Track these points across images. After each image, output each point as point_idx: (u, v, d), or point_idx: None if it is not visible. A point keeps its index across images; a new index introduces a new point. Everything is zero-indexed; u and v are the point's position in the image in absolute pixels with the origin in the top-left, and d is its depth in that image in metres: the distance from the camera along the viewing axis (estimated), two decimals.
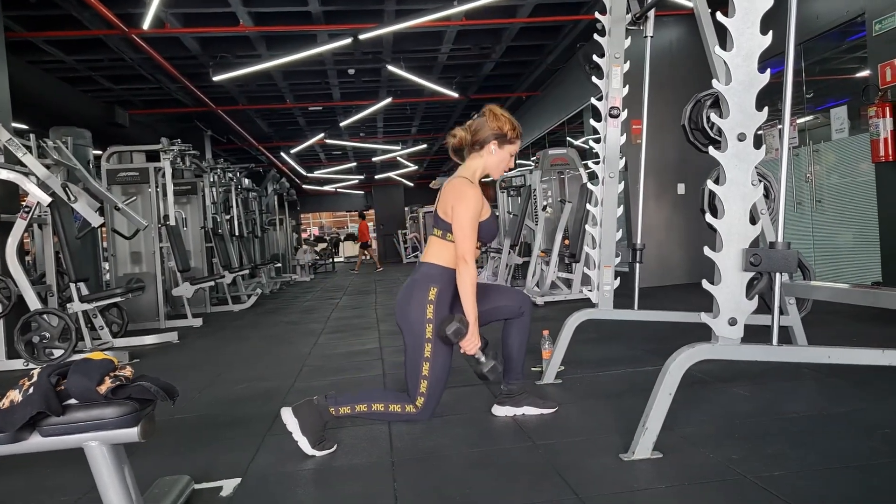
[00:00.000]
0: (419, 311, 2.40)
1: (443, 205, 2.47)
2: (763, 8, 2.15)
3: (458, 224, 2.39)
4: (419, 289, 2.43)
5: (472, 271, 2.39)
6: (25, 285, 4.81)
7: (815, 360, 2.18)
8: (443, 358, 2.42)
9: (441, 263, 2.45)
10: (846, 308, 4.28)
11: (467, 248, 2.38)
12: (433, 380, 2.41)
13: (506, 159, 2.57)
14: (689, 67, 7.32)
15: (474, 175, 2.52)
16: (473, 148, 2.54)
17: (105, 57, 8.20)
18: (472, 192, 2.43)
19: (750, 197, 2.17)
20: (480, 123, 2.54)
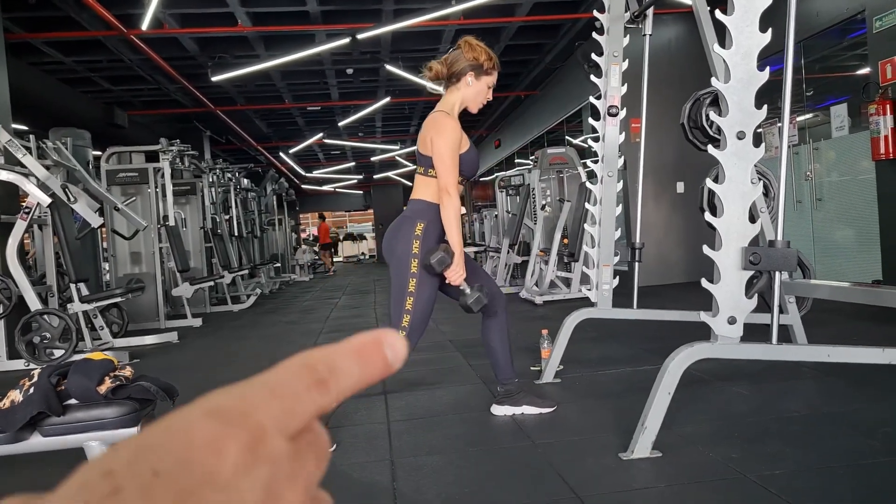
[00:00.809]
0: (405, 244, 2.40)
1: (422, 139, 2.45)
2: (762, 6, 2.15)
3: (437, 156, 2.37)
4: (406, 223, 2.43)
5: (456, 202, 2.37)
6: (26, 286, 4.81)
7: (815, 359, 2.18)
8: (427, 292, 2.40)
9: (426, 199, 2.44)
10: (846, 306, 4.28)
11: (449, 180, 2.36)
12: (416, 314, 2.40)
13: (483, 91, 2.54)
14: (688, 65, 7.32)
15: (453, 108, 2.50)
16: (450, 81, 2.52)
17: (104, 58, 8.19)
18: (451, 124, 2.41)
19: (749, 195, 2.17)
20: (456, 55, 2.51)
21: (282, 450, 0.19)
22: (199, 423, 0.18)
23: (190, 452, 0.17)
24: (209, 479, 0.17)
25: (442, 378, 3.50)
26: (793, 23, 2.09)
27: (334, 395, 0.20)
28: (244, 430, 0.18)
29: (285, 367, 0.20)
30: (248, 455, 0.18)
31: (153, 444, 0.17)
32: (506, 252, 8.01)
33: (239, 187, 10.90)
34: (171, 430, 0.18)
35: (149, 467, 0.16)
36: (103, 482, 0.16)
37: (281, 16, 7.29)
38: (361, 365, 0.21)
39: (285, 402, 0.19)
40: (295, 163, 17.50)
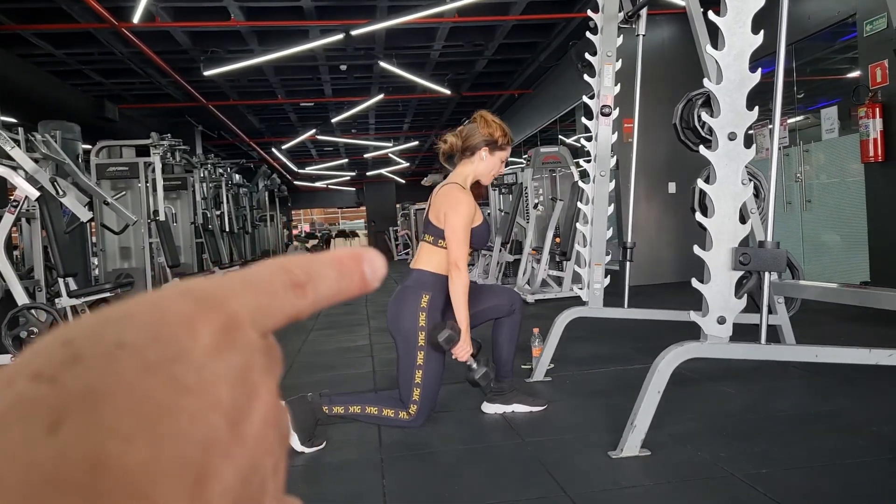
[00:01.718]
0: (411, 318, 2.40)
1: (434, 211, 2.47)
2: (754, 7, 2.16)
3: (450, 231, 2.39)
4: (411, 296, 2.43)
5: (465, 278, 2.40)
6: (13, 280, 4.77)
7: (803, 359, 2.20)
8: (435, 365, 2.43)
9: (433, 270, 2.45)
10: (834, 307, 4.32)
11: (460, 255, 2.38)
12: (426, 387, 2.41)
13: (496, 165, 2.58)
14: (681, 66, 7.35)
15: (466, 181, 2.53)
16: (464, 154, 2.55)
17: (95, 51, 8.12)
18: (465, 199, 2.43)
19: (740, 196, 2.18)
20: (471, 130, 2.55)
21: (256, 342, 0.18)
22: (173, 300, 0.17)
23: (160, 328, 0.16)
24: (180, 356, 0.15)
25: None
26: (785, 25, 2.11)
27: (311, 300, 0.19)
28: (220, 313, 0.17)
29: (263, 266, 0.19)
30: (222, 338, 0.16)
31: (119, 317, 0.16)
32: (498, 250, 8.02)
33: (230, 183, 10.85)
34: (140, 305, 0.16)
35: (114, 338, 0.15)
36: (61, 350, 0.15)
37: (274, 10, 7.26)
38: (339, 276, 0.20)
39: (261, 298, 0.18)
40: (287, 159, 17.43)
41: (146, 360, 0.15)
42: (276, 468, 0.18)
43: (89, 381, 0.14)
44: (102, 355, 0.15)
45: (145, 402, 0.14)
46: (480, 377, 2.45)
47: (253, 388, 0.17)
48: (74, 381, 0.14)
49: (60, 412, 0.14)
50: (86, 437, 0.14)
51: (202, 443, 0.15)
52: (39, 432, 0.14)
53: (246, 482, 0.16)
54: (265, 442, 0.17)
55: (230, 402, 0.16)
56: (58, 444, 0.13)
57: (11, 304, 4.77)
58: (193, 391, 0.15)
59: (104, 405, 0.14)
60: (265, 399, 0.17)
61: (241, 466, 0.16)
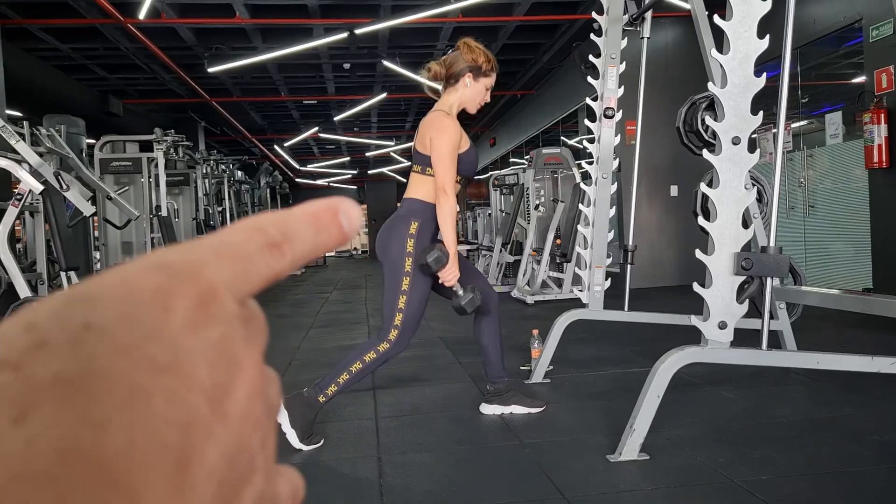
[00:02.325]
0: (399, 243, 2.40)
1: (420, 138, 2.45)
2: (760, 12, 2.15)
3: (437, 155, 2.37)
4: (401, 222, 2.43)
5: (453, 202, 2.38)
6: (16, 273, 4.77)
7: (805, 366, 2.19)
8: (420, 291, 2.41)
9: (422, 198, 2.44)
10: (836, 314, 4.31)
11: (447, 180, 2.36)
12: (409, 313, 2.40)
13: (481, 92, 2.56)
14: (685, 69, 7.34)
15: (451, 109, 2.51)
16: (449, 82, 2.54)
17: (100, 46, 8.13)
18: (450, 124, 2.42)
19: (743, 201, 2.17)
20: (455, 57, 2.53)
21: (235, 311, 0.17)
22: (142, 274, 0.15)
23: (131, 306, 0.15)
24: (153, 335, 0.14)
25: (431, 375, 3.50)
26: (790, 30, 2.10)
27: (289, 259, 0.18)
28: (194, 284, 0.16)
29: (235, 229, 0.18)
30: (198, 312, 0.15)
31: (86, 297, 0.15)
32: (498, 251, 8.01)
33: (233, 179, 10.86)
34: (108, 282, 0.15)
35: (80, 320, 0.14)
36: (24, 336, 0.14)
37: (279, 8, 7.26)
38: (316, 231, 0.19)
39: (237, 263, 0.17)
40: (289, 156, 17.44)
41: (116, 341, 0.14)
42: (264, 442, 0.17)
43: (56, 367, 0.14)
44: (69, 339, 0.14)
45: (117, 386, 0.14)
46: (467, 302, 2.40)
47: (235, 361, 0.16)
48: (40, 368, 0.14)
49: (27, 402, 0.13)
50: (55, 426, 0.13)
51: (181, 425, 0.14)
52: (5, 424, 0.13)
53: (232, 461, 0.15)
54: (251, 417, 0.16)
55: (210, 380, 0.15)
56: (26, 436, 0.13)
57: (13, 296, 4.77)
58: (169, 370, 0.14)
59: (73, 392, 0.13)
60: (249, 372, 0.16)
61: (226, 445, 0.15)
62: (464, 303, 2.42)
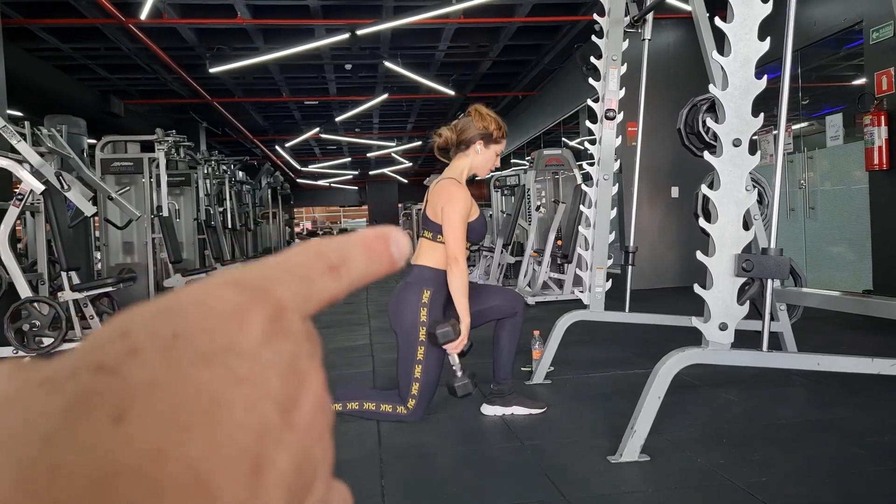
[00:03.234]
0: (413, 314, 2.41)
1: (432, 206, 2.47)
2: (761, 14, 2.16)
3: (448, 225, 2.40)
4: (412, 292, 2.44)
5: (464, 271, 2.40)
6: (17, 273, 4.78)
7: (805, 367, 2.20)
8: (435, 361, 2.43)
9: (433, 265, 2.46)
10: (836, 315, 4.31)
11: (458, 249, 2.39)
12: (424, 382, 2.42)
13: (492, 158, 2.58)
14: (686, 71, 7.34)
15: (461, 175, 2.53)
16: (459, 148, 2.55)
17: (101, 46, 8.14)
18: (461, 193, 2.44)
19: (744, 202, 2.18)
20: (466, 123, 2.55)
21: (301, 328, 0.18)
22: (220, 291, 0.17)
23: (211, 319, 0.16)
24: (232, 347, 0.16)
25: None
26: (791, 32, 2.11)
27: (345, 283, 0.20)
28: (267, 302, 0.17)
29: (298, 252, 0.20)
30: (271, 326, 0.17)
31: (172, 308, 0.16)
32: (499, 252, 8.01)
33: (234, 179, 10.86)
34: (189, 297, 0.17)
35: (169, 329, 0.15)
36: (119, 342, 0.15)
37: (281, 9, 7.27)
38: (369, 258, 0.21)
39: (302, 284, 0.18)
40: (291, 157, 17.45)
41: (201, 351, 0.15)
42: (325, 454, 0.18)
43: (149, 372, 0.15)
44: (160, 347, 0.15)
45: (202, 393, 0.15)
46: (460, 386, 2.44)
47: (302, 375, 0.17)
48: (135, 372, 0.15)
49: (124, 404, 0.14)
50: (149, 427, 0.14)
51: (257, 432, 0.15)
52: (106, 423, 0.14)
53: (299, 469, 0.16)
54: (315, 428, 0.17)
55: (281, 391, 0.16)
56: (123, 435, 0.14)
57: (14, 296, 4.78)
58: (247, 381, 0.16)
59: (164, 396, 0.14)
60: (314, 385, 0.18)
61: (294, 454, 0.16)
62: (457, 385, 2.44)
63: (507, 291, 2.71)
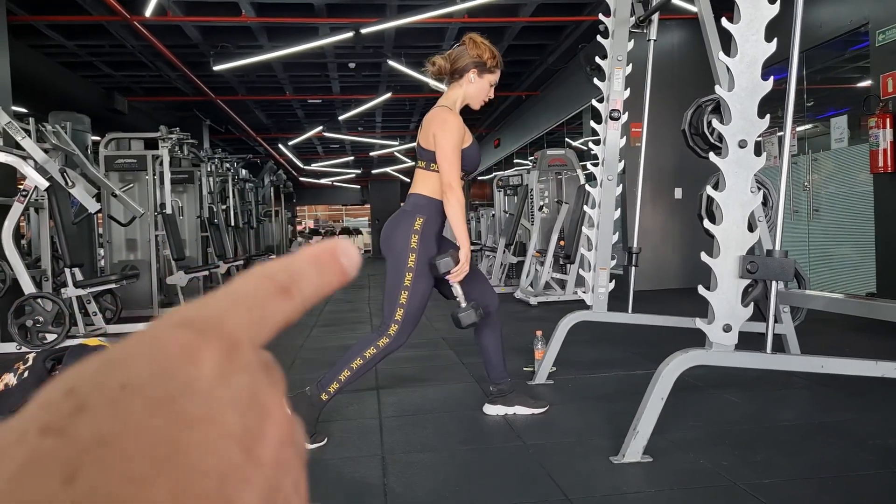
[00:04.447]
0: (404, 239, 2.40)
1: (424, 134, 2.45)
2: (769, 15, 2.15)
3: (441, 152, 2.37)
4: (406, 218, 2.43)
5: (460, 197, 2.38)
6: (21, 269, 4.79)
7: (809, 370, 2.19)
8: (422, 288, 2.41)
9: (427, 193, 2.44)
10: (840, 318, 4.30)
11: (453, 175, 2.37)
12: (410, 308, 2.40)
13: (485, 88, 2.55)
14: (690, 71, 7.33)
15: (455, 104, 2.51)
16: (453, 77, 2.53)
17: (106, 43, 8.15)
18: (454, 120, 2.42)
19: (749, 204, 2.17)
20: (460, 52, 2.52)
21: (257, 359, 0.18)
22: (168, 333, 0.16)
23: (162, 363, 0.16)
24: (186, 389, 0.15)
25: (434, 375, 3.51)
26: (798, 33, 2.10)
27: (298, 301, 0.19)
28: (219, 337, 0.17)
29: (246, 279, 0.19)
30: (224, 363, 0.16)
31: (119, 358, 0.16)
32: (502, 252, 8.01)
33: (237, 177, 10.87)
34: (137, 343, 0.16)
35: (116, 381, 0.15)
36: (66, 400, 0.15)
37: (285, 7, 7.27)
38: (320, 273, 0.20)
39: (253, 312, 0.18)
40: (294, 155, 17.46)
41: (151, 398, 0.15)
42: (296, 485, 0.18)
43: (98, 428, 0.14)
44: (107, 400, 0.15)
45: (157, 442, 0.14)
46: (464, 315, 2.41)
47: (263, 407, 0.17)
48: (83, 430, 0.14)
49: (74, 464, 0.14)
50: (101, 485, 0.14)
51: (220, 474, 0.15)
52: (56, 487, 0.13)
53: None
54: (283, 461, 0.17)
55: (241, 427, 0.16)
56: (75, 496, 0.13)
57: (18, 292, 4.79)
58: (203, 422, 0.15)
59: (116, 451, 0.14)
60: (277, 416, 0.17)
61: (262, 490, 0.16)
62: (461, 314, 2.42)
63: (488, 288, 2.68)
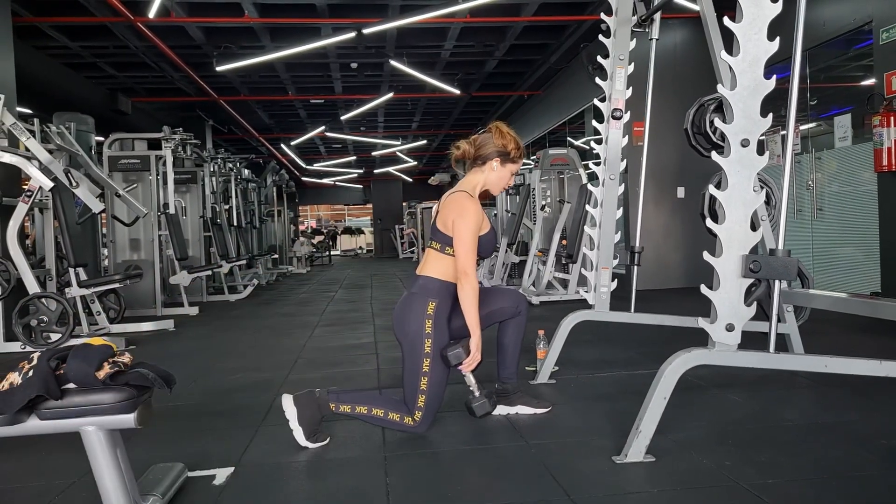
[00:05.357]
0: (418, 325, 2.39)
1: (442, 218, 2.47)
2: (771, 14, 2.15)
3: (459, 239, 2.39)
4: (417, 303, 2.42)
5: (475, 285, 2.39)
6: (25, 269, 4.81)
7: (812, 369, 2.19)
8: (440, 372, 2.42)
9: (439, 277, 2.44)
10: (844, 317, 4.29)
11: (468, 263, 2.38)
12: (430, 394, 2.41)
13: (506, 177, 2.58)
14: (692, 70, 7.32)
15: (474, 189, 2.53)
16: (476, 162, 2.55)
17: (110, 44, 8.17)
18: (473, 207, 2.43)
19: (751, 203, 2.17)
20: (485, 139, 2.55)
21: None
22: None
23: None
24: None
25: None
26: (801, 32, 2.10)
27: None
28: None
29: None
30: None
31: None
32: (504, 251, 8.01)
33: (239, 177, 10.89)
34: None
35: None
36: None
37: (287, 8, 7.28)
38: None
39: None
40: (296, 155, 17.48)
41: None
42: None
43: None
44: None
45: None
46: (477, 407, 2.47)
47: None
48: None
49: None
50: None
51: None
52: None
53: None
54: None
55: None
56: None
57: (23, 292, 4.81)
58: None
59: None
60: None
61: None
62: (475, 405, 2.46)
63: (511, 292, 2.70)
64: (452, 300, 2.46)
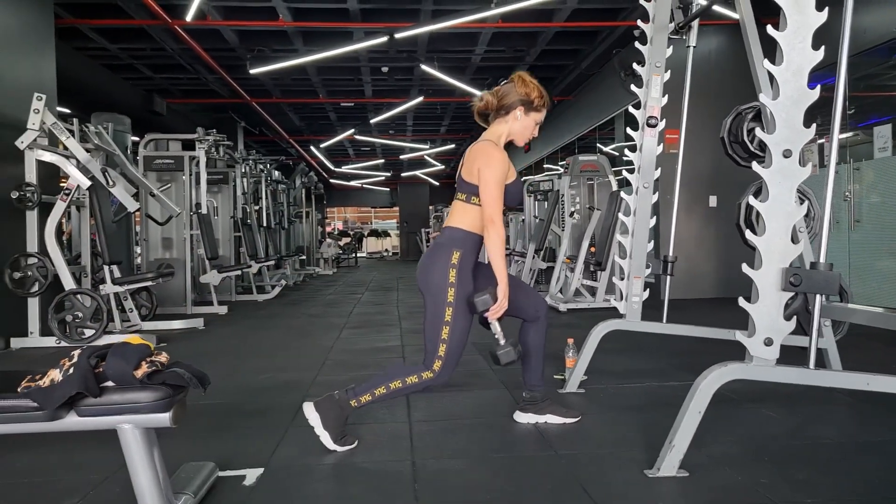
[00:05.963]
0: (441, 274, 2.37)
1: (468, 168, 2.44)
2: (816, 23, 2.10)
3: (485, 186, 2.36)
4: (442, 252, 2.40)
5: (501, 232, 2.35)
6: (61, 265, 4.92)
7: (854, 387, 2.13)
8: (462, 322, 2.39)
9: (465, 227, 2.42)
10: (882, 332, 4.17)
11: (495, 210, 2.34)
12: (452, 344, 2.38)
13: (531, 126, 2.54)
14: (727, 77, 7.20)
15: (499, 139, 2.50)
16: (499, 113, 2.52)
17: (147, 46, 8.35)
18: (499, 155, 2.40)
19: (793, 215, 2.12)
20: (508, 89, 2.51)
21: None
22: None
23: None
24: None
25: (465, 381, 3.50)
26: (847, 41, 2.05)
27: None
28: None
29: None
30: None
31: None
32: (531, 257, 7.97)
33: (270, 179, 11.03)
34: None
35: None
36: None
37: (321, 12, 7.36)
38: None
39: None
40: (325, 157, 17.64)
41: None
42: None
43: None
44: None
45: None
46: (503, 353, 2.38)
47: None
48: None
49: None
50: None
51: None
52: None
53: None
54: None
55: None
56: None
57: (59, 288, 4.92)
58: None
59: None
60: None
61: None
62: (500, 352, 2.38)
63: (535, 294, 2.67)
64: (477, 251, 2.43)
